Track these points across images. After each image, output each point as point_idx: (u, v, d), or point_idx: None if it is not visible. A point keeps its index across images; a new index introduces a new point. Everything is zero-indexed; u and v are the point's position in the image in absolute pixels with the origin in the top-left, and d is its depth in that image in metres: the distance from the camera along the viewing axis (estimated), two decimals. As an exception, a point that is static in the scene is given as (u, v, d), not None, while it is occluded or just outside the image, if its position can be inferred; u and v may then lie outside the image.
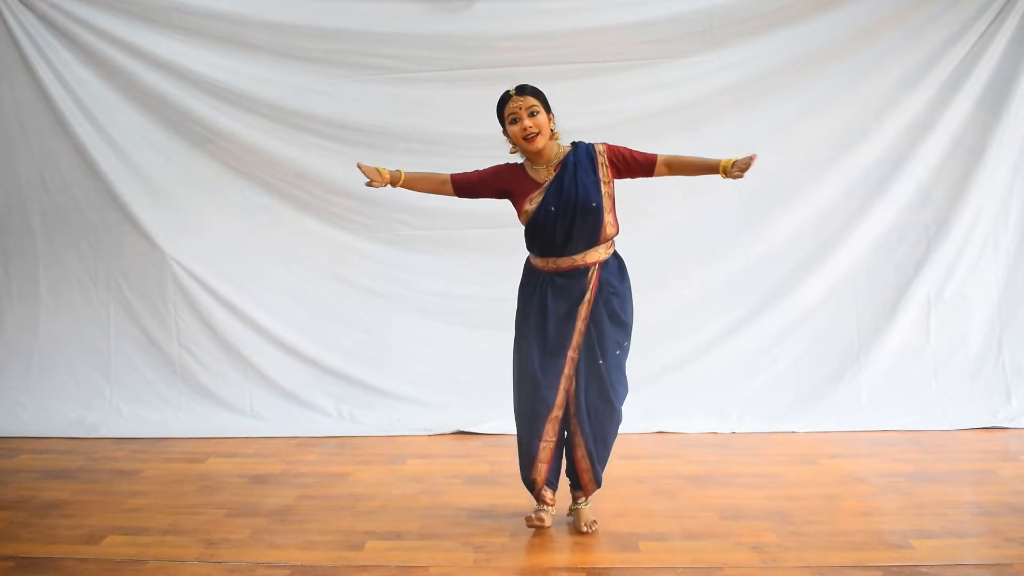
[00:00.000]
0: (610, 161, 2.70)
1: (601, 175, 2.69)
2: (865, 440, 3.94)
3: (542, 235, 2.69)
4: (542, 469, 2.77)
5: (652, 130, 4.31)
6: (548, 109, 2.69)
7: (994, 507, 2.97)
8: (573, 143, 2.77)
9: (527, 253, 2.83)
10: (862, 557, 2.52)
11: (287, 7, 4.37)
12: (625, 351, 2.81)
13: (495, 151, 4.20)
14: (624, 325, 2.77)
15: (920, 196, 4.30)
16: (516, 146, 2.73)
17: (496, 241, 4.14)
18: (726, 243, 4.36)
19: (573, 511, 2.85)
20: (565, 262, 2.69)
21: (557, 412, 2.73)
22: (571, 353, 2.72)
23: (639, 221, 4.35)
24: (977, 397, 4.21)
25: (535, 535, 2.77)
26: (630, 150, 2.72)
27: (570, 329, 2.70)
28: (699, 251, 4.37)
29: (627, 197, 4.03)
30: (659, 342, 4.32)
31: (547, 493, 2.82)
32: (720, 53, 4.28)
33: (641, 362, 4.26)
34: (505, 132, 2.74)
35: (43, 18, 4.34)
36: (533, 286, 2.75)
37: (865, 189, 4.31)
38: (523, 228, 2.76)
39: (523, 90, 2.66)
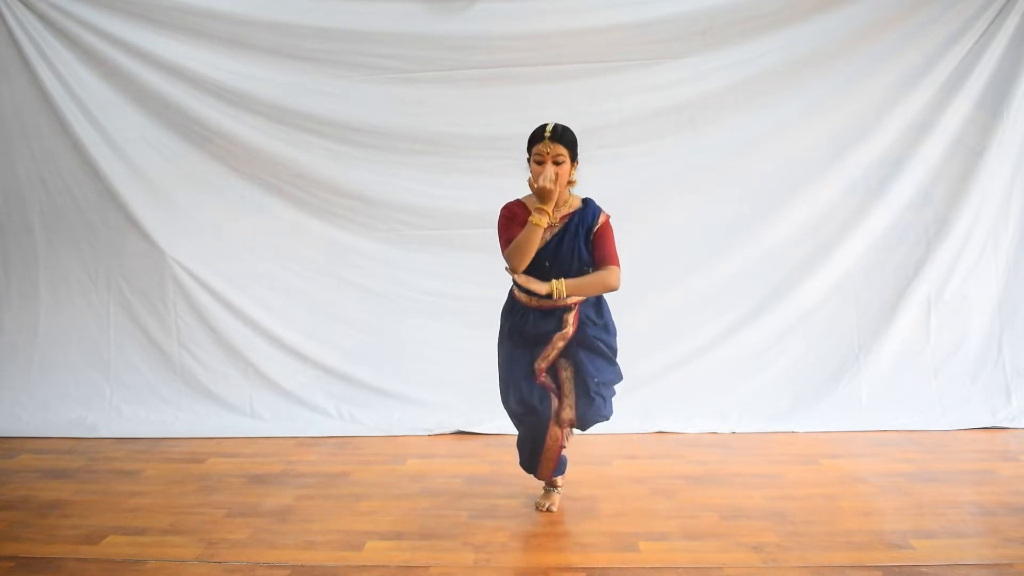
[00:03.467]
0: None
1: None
2: (865, 440, 3.94)
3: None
4: (550, 466, 2.93)
5: (652, 130, 4.32)
6: (574, 158, 2.74)
7: (994, 507, 2.98)
8: (584, 200, 2.83)
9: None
10: (862, 557, 2.53)
11: (287, 7, 4.36)
12: (615, 369, 2.92)
13: (495, 151, 4.23)
14: (609, 350, 2.89)
15: (920, 196, 4.30)
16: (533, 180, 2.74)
17: (496, 241, 4.14)
18: (726, 243, 4.35)
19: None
20: (547, 302, 2.79)
21: (551, 414, 2.85)
22: (543, 365, 2.86)
23: (639, 221, 4.37)
24: (977, 397, 4.21)
25: (535, 535, 2.77)
26: (604, 243, 2.77)
27: (545, 349, 2.84)
28: (699, 251, 4.36)
29: (627, 197, 4.07)
30: (659, 342, 4.33)
31: (557, 478, 3.04)
32: (720, 53, 4.27)
33: (641, 362, 4.30)
34: (529, 161, 2.76)
35: (43, 18, 4.34)
36: (514, 313, 2.91)
37: (865, 189, 4.31)
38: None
39: (556, 136, 2.68)
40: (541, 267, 2.74)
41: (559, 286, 2.67)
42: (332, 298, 4.45)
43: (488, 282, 4.27)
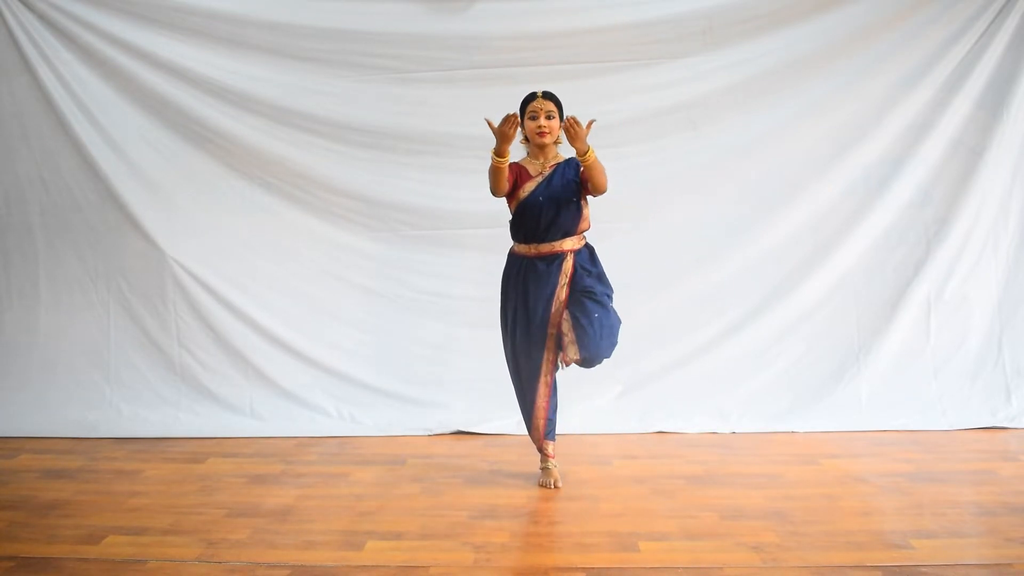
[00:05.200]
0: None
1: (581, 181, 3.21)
2: (865, 440, 3.94)
3: (529, 220, 3.18)
4: (540, 425, 3.28)
5: (652, 130, 4.31)
6: (561, 117, 3.16)
7: (994, 507, 2.97)
8: (568, 158, 3.23)
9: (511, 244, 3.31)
10: (862, 557, 2.52)
11: (287, 7, 4.36)
12: (609, 311, 3.17)
13: (494, 151, 4.18)
14: (601, 293, 3.18)
15: (920, 196, 4.30)
16: (527, 138, 3.23)
17: (496, 241, 4.12)
18: (726, 243, 4.35)
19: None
20: (544, 248, 3.20)
21: (547, 377, 3.25)
22: (551, 330, 3.20)
23: (639, 221, 4.38)
24: (977, 397, 4.21)
25: (535, 535, 2.78)
26: None
27: (550, 306, 3.18)
28: (699, 251, 4.36)
29: (627, 197, 4.07)
30: (659, 342, 4.33)
31: (547, 446, 3.30)
32: (720, 53, 4.28)
33: (641, 362, 4.31)
34: (522, 124, 3.20)
35: (43, 18, 4.34)
36: (515, 273, 3.25)
37: (865, 189, 4.31)
38: (511, 217, 3.24)
39: (547, 96, 3.18)
40: (536, 200, 3.16)
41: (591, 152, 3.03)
42: (332, 298, 4.45)
43: (488, 282, 4.26)
